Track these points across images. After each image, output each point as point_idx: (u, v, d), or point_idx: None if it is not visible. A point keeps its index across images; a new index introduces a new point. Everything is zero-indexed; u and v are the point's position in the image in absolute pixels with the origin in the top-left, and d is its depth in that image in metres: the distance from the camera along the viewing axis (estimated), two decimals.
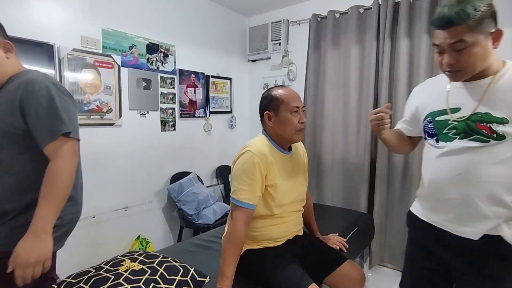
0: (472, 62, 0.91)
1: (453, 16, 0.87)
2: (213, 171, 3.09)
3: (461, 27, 0.87)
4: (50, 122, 0.99)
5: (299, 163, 1.43)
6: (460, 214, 0.98)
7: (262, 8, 3.14)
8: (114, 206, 2.27)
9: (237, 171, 1.23)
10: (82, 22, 2.02)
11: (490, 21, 0.90)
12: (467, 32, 0.87)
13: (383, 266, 2.52)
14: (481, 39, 0.88)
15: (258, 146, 1.25)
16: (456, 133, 0.98)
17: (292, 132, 1.28)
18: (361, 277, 1.36)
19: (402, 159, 2.38)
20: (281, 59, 3.10)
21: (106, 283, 1.03)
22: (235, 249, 1.15)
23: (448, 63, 0.93)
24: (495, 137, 0.90)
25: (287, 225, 1.34)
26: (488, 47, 0.91)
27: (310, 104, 2.83)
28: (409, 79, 2.32)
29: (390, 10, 2.33)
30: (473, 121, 0.94)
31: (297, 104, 1.28)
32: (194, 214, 2.48)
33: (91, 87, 2.05)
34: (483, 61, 0.92)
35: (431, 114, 1.06)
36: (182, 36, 2.69)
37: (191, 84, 2.80)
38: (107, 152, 2.20)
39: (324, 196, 2.78)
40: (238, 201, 1.19)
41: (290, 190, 1.31)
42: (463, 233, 0.97)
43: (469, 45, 0.88)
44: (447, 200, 1.00)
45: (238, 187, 1.21)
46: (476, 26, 0.87)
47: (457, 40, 0.88)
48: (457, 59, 0.91)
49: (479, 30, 0.87)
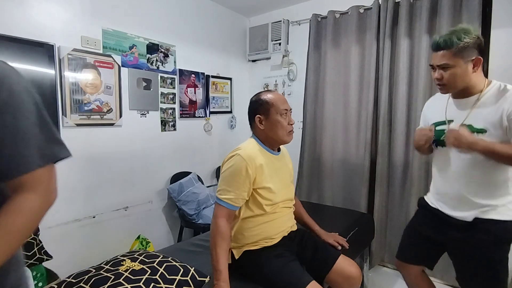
0: (453, 80, 1.18)
1: (442, 43, 1.16)
2: (213, 171, 3.09)
3: (447, 52, 1.15)
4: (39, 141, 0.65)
5: (287, 164, 1.48)
6: (454, 203, 1.26)
7: (262, 8, 3.14)
8: (114, 206, 2.27)
9: (225, 172, 1.27)
10: (83, 22, 2.02)
11: (472, 50, 1.15)
12: (451, 57, 1.15)
13: (383, 266, 2.51)
14: (461, 62, 1.15)
15: (248, 150, 1.29)
16: None
17: (283, 133, 1.33)
18: (357, 272, 1.38)
19: (402, 159, 2.38)
20: (281, 59, 3.10)
21: (107, 283, 1.03)
22: (220, 243, 1.19)
23: (436, 78, 1.22)
24: None
25: (280, 221, 1.36)
26: (468, 70, 1.16)
27: (310, 104, 2.83)
28: (409, 79, 2.32)
29: (390, 10, 2.33)
30: None
31: (285, 107, 1.34)
32: (194, 214, 2.48)
33: (91, 87, 2.05)
34: (462, 80, 1.18)
35: (434, 123, 1.33)
36: (183, 36, 2.69)
37: (191, 84, 2.80)
38: (107, 152, 2.20)
39: (324, 196, 2.78)
40: (221, 201, 1.23)
41: (281, 189, 1.35)
42: (459, 216, 1.24)
43: (450, 67, 1.16)
44: (444, 194, 1.31)
45: (223, 187, 1.25)
46: (457, 52, 1.14)
47: (443, 62, 1.17)
48: (443, 75, 1.19)
49: (460, 56, 1.14)
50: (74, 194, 2.03)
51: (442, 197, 1.32)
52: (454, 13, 2.11)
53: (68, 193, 2.00)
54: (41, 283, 1.57)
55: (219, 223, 1.21)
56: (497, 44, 2.02)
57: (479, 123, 1.16)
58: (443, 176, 1.31)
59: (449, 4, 2.10)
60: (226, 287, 1.12)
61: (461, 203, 1.24)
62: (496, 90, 1.17)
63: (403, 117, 2.33)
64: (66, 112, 1.93)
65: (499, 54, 2.02)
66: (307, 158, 2.84)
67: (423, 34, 2.21)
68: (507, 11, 1.99)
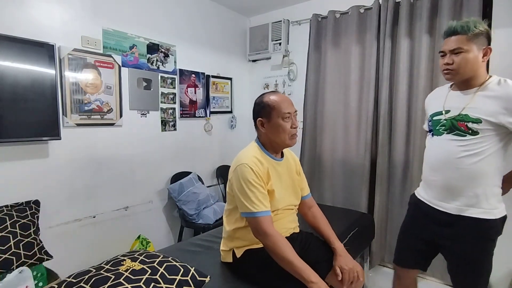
0: (464, 65, 1.20)
1: (459, 27, 1.20)
2: (214, 171, 3.09)
3: (462, 36, 1.19)
4: None
5: (291, 170, 1.43)
6: (442, 192, 1.30)
7: (262, 8, 3.14)
8: (114, 206, 2.27)
9: (238, 185, 1.22)
10: (83, 22, 2.02)
11: (484, 39, 1.20)
12: (465, 41, 1.19)
13: (383, 266, 2.52)
14: (474, 49, 1.19)
15: (250, 157, 1.26)
16: (445, 129, 1.29)
17: (285, 138, 1.29)
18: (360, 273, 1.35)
19: (403, 159, 2.37)
20: (281, 59, 3.10)
21: (107, 283, 1.03)
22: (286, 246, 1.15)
23: (447, 62, 1.23)
24: (470, 132, 1.21)
25: (281, 222, 1.34)
26: (479, 58, 1.20)
27: (310, 104, 2.83)
28: (409, 79, 2.32)
29: (390, 10, 2.33)
30: (456, 120, 1.25)
31: (288, 110, 1.28)
32: (195, 214, 2.48)
33: (91, 87, 2.06)
34: (472, 67, 1.21)
35: (432, 114, 1.38)
36: (183, 36, 2.69)
37: (191, 84, 2.80)
38: (107, 152, 2.20)
39: (324, 196, 2.78)
40: (257, 213, 1.17)
41: (283, 195, 1.32)
42: (444, 207, 1.29)
43: (464, 51, 1.19)
44: (433, 182, 1.34)
45: (249, 200, 1.18)
46: (472, 38, 1.18)
47: (457, 47, 1.20)
48: (454, 60, 1.22)
49: (475, 42, 1.19)
50: (75, 194, 2.03)
51: (430, 186, 1.36)
52: (455, 13, 2.11)
53: (68, 193, 2.00)
54: (41, 282, 1.57)
55: (273, 232, 1.15)
56: (497, 44, 2.00)
57: (475, 113, 1.20)
58: (434, 164, 1.34)
59: (450, 4, 2.10)
60: (321, 280, 1.10)
61: (449, 192, 1.28)
62: (496, 84, 1.21)
63: (404, 117, 2.33)
64: (67, 112, 1.93)
65: (499, 54, 2.01)
66: (307, 158, 2.84)
67: (423, 34, 2.21)
68: (507, 11, 1.99)
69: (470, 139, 1.21)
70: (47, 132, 1.82)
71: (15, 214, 1.62)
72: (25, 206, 1.71)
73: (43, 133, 1.81)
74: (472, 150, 1.20)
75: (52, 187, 1.92)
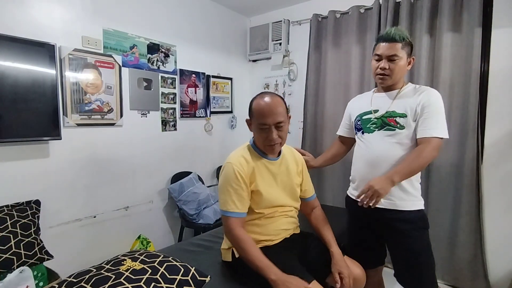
0: (397, 71, 1.34)
1: (396, 36, 1.32)
2: (214, 171, 3.10)
3: (398, 44, 1.32)
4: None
5: (290, 170, 1.39)
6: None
7: (263, 8, 3.15)
8: (115, 206, 2.27)
9: (220, 183, 1.27)
10: (83, 22, 2.02)
11: (410, 49, 1.36)
12: (400, 49, 1.32)
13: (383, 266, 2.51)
14: (405, 57, 1.34)
15: (237, 156, 1.28)
16: (376, 126, 1.40)
17: (262, 145, 1.29)
18: (361, 274, 1.35)
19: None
20: (281, 59, 3.10)
21: (107, 283, 1.03)
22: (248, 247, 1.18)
23: (383, 67, 1.34)
24: (399, 126, 1.33)
25: (276, 224, 1.34)
26: (406, 65, 1.36)
27: (310, 104, 2.84)
28: (409, 79, 2.31)
29: (391, 10, 2.33)
30: (385, 117, 1.37)
31: (264, 121, 1.22)
32: (195, 214, 2.48)
33: (92, 87, 2.06)
34: (401, 72, 1.36)
35: (360, 114, 1.48)
36: (183, 36, 2.69)
37: (191, 84, 2.80)
38: (108, 152, 2.20)
39: (324, 196, 2.78)
40: (228, 212, 1.22)
41: (276, 196, 1.32)
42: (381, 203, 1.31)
43: (398, 58, 1.32)
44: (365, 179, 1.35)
45: (225, 198, 1.23)
46: (404, 46, 1.33)
47: (394, 53, 1.32)
48: (389, 66, 1.34)
49: (406, 50, 1.34)
50: (75, 194, 2.04)
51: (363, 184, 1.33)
52: (455, 13, 2.11)
53: (69, 192, 2.00)
54: (42, 282, 1.57)
55: (237, 233, 1.19)
56: (497, 44, 2.02)
57: (400, 109, 1.34)
58: (366, 162, 1.41)
59: (450, 4, 2.10)
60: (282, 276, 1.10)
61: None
62: (413, 87, 1.39)
63: None
64: (67, 112, 1.94)
65: (499, 54, 2.02)
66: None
67: (423, 34, 2.21)
68: (507, 11, 1.99)
69: (400, 132, 1.33)
70: (47, 132, 1.83)
71: (15, 214, 1.62)
72: (25, 206, 1.72)
73: (43, 133, 1.81)
74: (402, 144, 1.33)
75: (53, 187, 1.92)
